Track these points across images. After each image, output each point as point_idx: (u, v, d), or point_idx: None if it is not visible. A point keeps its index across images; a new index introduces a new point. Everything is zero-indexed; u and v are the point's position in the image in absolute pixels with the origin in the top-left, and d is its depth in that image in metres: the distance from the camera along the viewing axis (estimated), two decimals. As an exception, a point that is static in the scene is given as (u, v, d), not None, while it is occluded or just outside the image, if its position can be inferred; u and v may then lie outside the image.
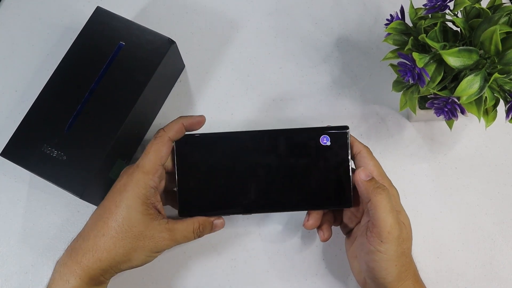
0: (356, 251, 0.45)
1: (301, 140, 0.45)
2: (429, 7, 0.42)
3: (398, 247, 0.41)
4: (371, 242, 0.42)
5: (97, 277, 0.42)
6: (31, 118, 0.48)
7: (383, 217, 0.41)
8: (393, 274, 0.42)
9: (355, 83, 0.57)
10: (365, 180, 0.43)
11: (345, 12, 0.59)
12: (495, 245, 0.52)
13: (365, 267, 0.43)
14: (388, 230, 0.41)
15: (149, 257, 0.43)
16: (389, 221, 0.41)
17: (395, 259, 0.41)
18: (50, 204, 0.53)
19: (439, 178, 0.54)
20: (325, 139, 0.45)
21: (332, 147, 0.45)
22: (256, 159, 0.45)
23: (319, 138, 0.45)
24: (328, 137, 0.45)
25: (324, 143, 0.45)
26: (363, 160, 0.45)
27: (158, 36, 0.50)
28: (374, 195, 0.41)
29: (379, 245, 0.41)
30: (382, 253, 0.41)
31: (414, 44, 0.44)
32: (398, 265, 0.42)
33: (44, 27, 0.59)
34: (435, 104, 0.43)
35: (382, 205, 0.41)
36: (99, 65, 0.49)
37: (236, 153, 0.45)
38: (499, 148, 0.54)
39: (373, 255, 0.42)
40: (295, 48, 0.58)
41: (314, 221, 0.46)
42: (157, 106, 0.55)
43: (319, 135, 0.45)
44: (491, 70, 0.41)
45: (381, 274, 0.42)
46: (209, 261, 0.52)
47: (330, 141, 0.45)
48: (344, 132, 0.45)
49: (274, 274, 0.51)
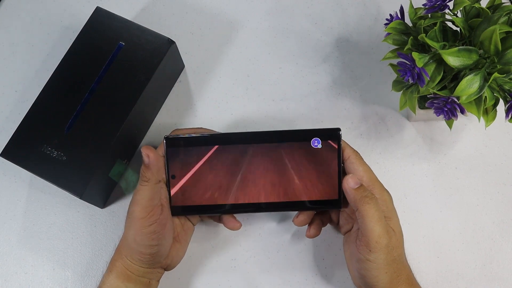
0: (349, 257, 0.46)
1: (292, 142, 0.45)
2: (429, 6, 0.42)
3: (387, 255, 0.41)
4: (360, 251, 0.42)
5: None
6: (31, 119, 0.48)
7: (370, 226, 0.41)
8: (384, 281, 0.42)
9: (355, 83, 0.57)
10: (353, 188, 0.42)
11: (345, 12, 0.59)
12: (495, 245, 0.52)
13: (356, 273, 0.43)
14: (376, 240, 0.41)
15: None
16: (376, 231, 0.41)
17: (385, 267, 0.41)
18: (50, 204, 0.53)
19: (439, 178, 0.54)
20: (316, 142, 0.45)
21: (323, 149, 0.45)
22: (246, 160, 0.45)
23: (310, 140, 0.45)
24: (319, 140, 0.45)
25: (315, 146, 0.45)
26: (353, 166, 0.45)
27: (158, 36, 0.50)
28: (361, 204, 0.41)
29: (368, 254, 0.41)
30: (371, 262, 0.41)
31: (414, 44, 0.44)
32: (388, 272, 0.42)
33: (44, 27, 0.59)
34: (435, 103, 0.43)
35: (369, 215, 0.41)
36: (99, 65, 0.49)
37: (226, 154, 0.45)
38: (499, 147, 0.54)
39: (363, 264, 0.42)
40: (295, 48, 0.58)
41: (304, 218, 0.47)
42: (157, 106, 0.55)
43: (311, 138, 0.45)
44: (491, 69, 0.41)
45: (372, 282, 0.42)
46: (209, 261, 0.52)
47: (322, 144, 0.45)
48: (336, 134, 0.45)
49: (274, 274, 0.51)
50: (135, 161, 0.54)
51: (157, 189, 0.44)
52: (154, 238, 0.43)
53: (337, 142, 0.45)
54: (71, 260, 0.52)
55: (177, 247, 0.47)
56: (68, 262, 0.51)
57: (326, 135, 0.45)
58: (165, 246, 0.45)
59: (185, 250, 0.48)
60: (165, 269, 0.47)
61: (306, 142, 0.45)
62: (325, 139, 0.45)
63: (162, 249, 0.44)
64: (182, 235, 0.47)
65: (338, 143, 0.45)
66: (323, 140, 0.45)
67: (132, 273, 0.44)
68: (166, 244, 0.45)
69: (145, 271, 0.45)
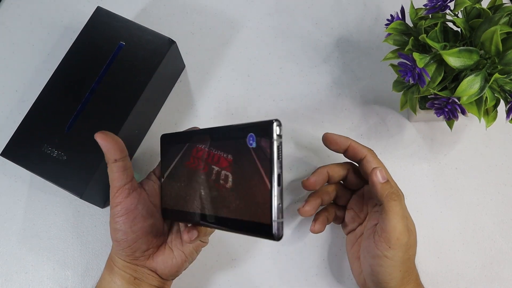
0: (361, 253, 0.45)
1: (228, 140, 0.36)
2: (430, 7, 0.42)
3: (404, 254, 0.41)
4: (379, 247, 0.41)
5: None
6: (31, 118, 0.47)
7: (394, 223, 0.41)
8: (397, 279, 0.42)
9: (355, 83, 0.57)
10: (381, 182, 0.42)
11: (345, 12, 0.59)
12: (495, 245, 0.52)
13: (369, 270, 0.43)
14: (397, 237, 0.40)
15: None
16: (398, 228, 0.41)
17: (400, 264, 0.41)
18: (50, 204, 0.53)
19: (440, 178, 0.54)
20: (251, 139, 0.33)
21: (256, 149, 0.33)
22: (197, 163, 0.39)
23: (246, 137, 0.34)
24: (254, 136, 0.33)
25: (250, 144, 0.33)
26: (370, 165, 0.44)
27: (158, 36, 0.50)
28: (387, 200, 0.41)
29: (387, 250, 0.41)
30: (388, 259, 0.41)
31: (415, 44, 0.44)
32: (402, 270, 0.42)
33: (44, 27, 0.59)
34: (436, 104, 0.43)
35: (394, 211, 0.41)
36: (99, 65, 0.49)
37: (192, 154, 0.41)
38: (500, 148, 0.54)
39: (379, 260, 0.41)
40: (295, 48, 0.58)
41: (310, 208, 0.46)
42: (157, 106, 0.55)
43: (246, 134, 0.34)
44: (492, 70, 0.41)
45: (385, 279, 0.42)
46: (209, 261, 0.52)
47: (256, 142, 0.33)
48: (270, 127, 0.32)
49: (274, 274, 0.51)
50: (134, 161, 0.54)
51: (117, 168, 0.42)
52: (118, 222, 0.42)
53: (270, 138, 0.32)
54: (71, 260, 0.51)
55: (166, 253, 0.44)
56: (68, 262, 0.51)
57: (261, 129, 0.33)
58: (138, 238, 0.42)
59: (179, 262, 0.44)
60: (161, 276, 0.45)
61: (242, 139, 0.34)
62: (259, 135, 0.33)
63: (132, 239, 0.42)
64: (177, 243, 0.45)
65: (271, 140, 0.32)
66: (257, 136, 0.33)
67: (114, 265, 0.44)
68: (138, 236, 0.42)
69: (124, 265, 0.43)
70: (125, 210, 0.42)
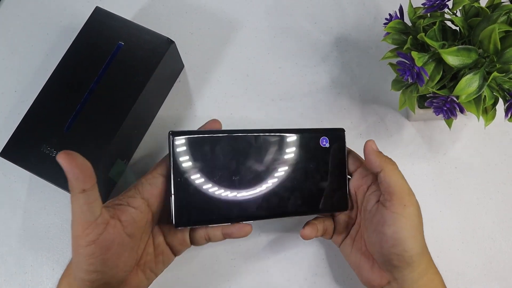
0: (369, 238, 0.43)
1: (301, 141, 0.44)
2: (428, 6, 0.42)
3: (419, 214, 0.41)
4: (394, 209, 0.40)
5: None
6: (30, 118, 0.48)
7: (400, 183, 0.41)
8: (420, 243, 0.41)
9: (354, 83, 0.57)
10: (376, 150, 0.43)
11: (344, 12, 0.59)
12: (495, 245, 0.52)
13: (387, 246, 0.40)
14: (408, 193, 0.41)
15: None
16: (407, 186, 0.41)
17: (419, 226, 0.41)
18: (50, 204, 0.53)
19: (439, 177, 0.54)
20: (324, 141, 0.45)
21: (330, 149, 0.45)
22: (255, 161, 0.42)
23: (319, 139, 0.45)
24: (327, 139, 0.45)
25: (323, 145, 0.45)
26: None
27: (157, 36, 0.50)
28: (387, 163, 0.42)
29: (403, 209, 0.40)
30: (406, 219, 0.40)
31: (413, 43, 0.44)
32: (421, 233, 0.41)
33: (43, 27, 0.59)
34: (434, 103, 0.43)
35: (396, 172, 0.42)
36: (98, 65, 0.49)
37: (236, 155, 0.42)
38: (499, 147, 0.54)
39: (398, 223, 0.40)
40: (294, 48, 0.58)
41: (310, 231, 0.45)
42: (156, 106, 0.55)
43: (319, 137, 0.45)
44: (490, 69, 0.41)
45: (409, 244, 0.40)
46: (209, 261, 0.52)
47: (329, 143, 0.45)
48: (341, 134, 0.46)
49: (274, 274, 0.51)
50: (134, 161, 0.54)
51: (85, 199, 0.34)
52: (92, 263, 0.35)
53: (343, 141, 0.46)
54: (70, 260, 0.52)
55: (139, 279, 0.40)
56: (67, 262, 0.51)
57: (333, 134, 0.45)
58: (115, 274, 0.37)
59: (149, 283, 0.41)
60: None
61: (316, 141, 0.45)
62: (332, 138, 0.45)
63: (108, 277, 0.36)
64: (152, 265, 0.41)
65: (343, 142, 0.46)
66: (330, 139, 0.45)
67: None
68: (116, 272, 0.37)
69: None
70: (104, 249, 0.35)
